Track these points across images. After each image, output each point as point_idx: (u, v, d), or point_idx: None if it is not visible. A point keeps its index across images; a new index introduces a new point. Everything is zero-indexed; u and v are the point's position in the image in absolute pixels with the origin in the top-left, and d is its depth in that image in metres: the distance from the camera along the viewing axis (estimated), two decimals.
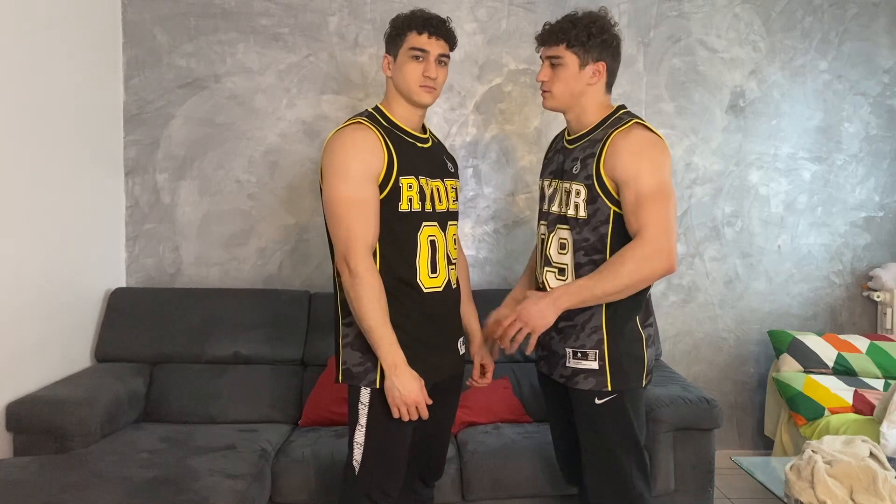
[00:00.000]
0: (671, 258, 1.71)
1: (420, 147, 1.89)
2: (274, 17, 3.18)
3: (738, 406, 3.39)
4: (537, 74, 1.89)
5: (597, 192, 1.78)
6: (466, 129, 3.26)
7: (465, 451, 2.47)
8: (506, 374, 2.88)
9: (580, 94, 1.84)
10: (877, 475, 1.85)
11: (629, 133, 1.77)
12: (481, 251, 3.29)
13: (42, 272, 2.59)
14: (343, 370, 1.84)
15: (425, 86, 1.83)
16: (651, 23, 3.30)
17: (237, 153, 3.20)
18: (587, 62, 1.82)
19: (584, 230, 1.81)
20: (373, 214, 1.76)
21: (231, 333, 2.91)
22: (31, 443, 2.35)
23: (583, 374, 1.82)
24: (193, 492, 2.02)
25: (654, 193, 1.72)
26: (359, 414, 1.81)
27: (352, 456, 1.83)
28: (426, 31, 1.82)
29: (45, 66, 2.58)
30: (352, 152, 1.76)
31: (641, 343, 1.84)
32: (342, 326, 1.84)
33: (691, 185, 3.35)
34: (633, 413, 1.84)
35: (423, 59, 1.82)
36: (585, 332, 1.82)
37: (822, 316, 3.42)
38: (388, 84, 1.89)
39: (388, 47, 1.87)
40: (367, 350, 1.78)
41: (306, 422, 2.74)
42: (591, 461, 1.89)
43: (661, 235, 1.70)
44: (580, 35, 1.79)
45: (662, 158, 1.77)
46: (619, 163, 1.75)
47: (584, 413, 1.85)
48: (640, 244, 1.70)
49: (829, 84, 3.37)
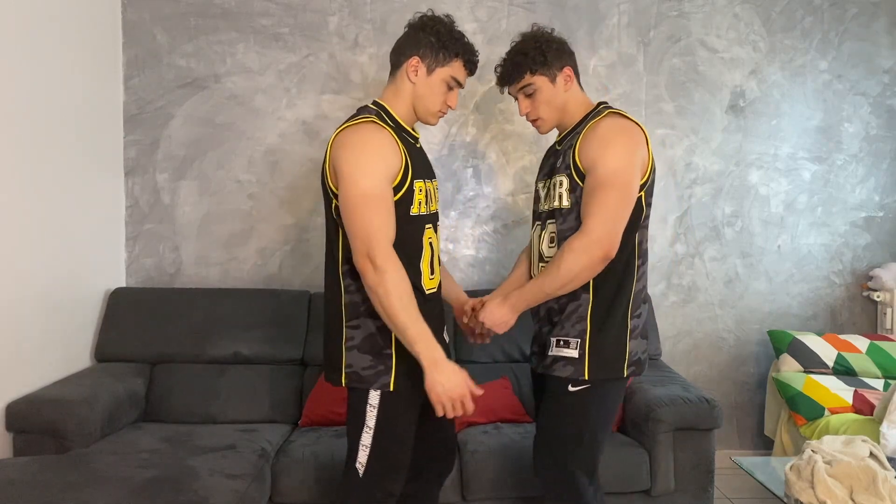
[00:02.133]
0: (609, 244, 1.73)
1: (417, 147, 1.88)
2: (274, 17, 3.19)
3: (738, 406, 3.40)
4: (519, 111, 1.96)
5: (576, 181, 1.81)
6: (466, 129, 3.26)
7: (465, 451, 2.47)
8: (506, 374, 2.89)
9: (563, 104, 1.90)
10: (877, 475, 1.85)
11: (601, 121, 1.82)
12: (481, 251, 3.29)
13: (42, 272, 2.59)
14: (348, 373, 1.78)
15: (443, 112, 1.87)
16: (651, 23, 3.30)
17: (237, 153, 3.20)
18: (555, 75, 1.88)
19: (568, 219, 1.83)
20: (392, 212, 1.72)
21: (231, 333, 2.91)
22: (31, 443, 2.35)
23: (562, 361, 1.84)
24: (193, 492, 2.02)
25: (604, 181, 1.74)
26: (366, 416, 1.77)
27: (355, 458, 1.80)
28: (471, 68, 1.86)
29: (45, 66, 2.58)
30: (374, 151, 1.70)
31: (625, 334, 1.85)
32: (346, 329, 1.78)
33: (691, 185, 3.35)
34: (601, 404, 1.86)
35: (453, 89, 1.86)
36: (570, 322, 1.85)
37: (822, 316, 3.42)
38: (402, 85, 1.82)
39: (425, 53, 1.79)
40: (378, 353, 1.76)
41: (306, 422, 2.74)
42: (540, 440, 1.93)
43: (598, 225, 1.72)
44: (536, 58, 1.85)
45: (629, 144, 1.77)
46: (586, 149, 1.79)
47: (554, 398, 1.88)
48: (578, 235, 1.75)
49: (829, 84, 3.37)
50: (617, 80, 3.29)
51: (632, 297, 1.86)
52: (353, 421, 1.82)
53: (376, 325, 1.76)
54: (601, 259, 1.74)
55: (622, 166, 1.75)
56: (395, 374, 1.76)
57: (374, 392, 1.76)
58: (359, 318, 1.77)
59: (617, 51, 3.29)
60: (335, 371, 1.81)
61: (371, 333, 1.76)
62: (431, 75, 1.81)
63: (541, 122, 1.93)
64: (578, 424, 1.86)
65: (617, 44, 3.29)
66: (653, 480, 2.46)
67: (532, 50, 1.85)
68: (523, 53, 1.86)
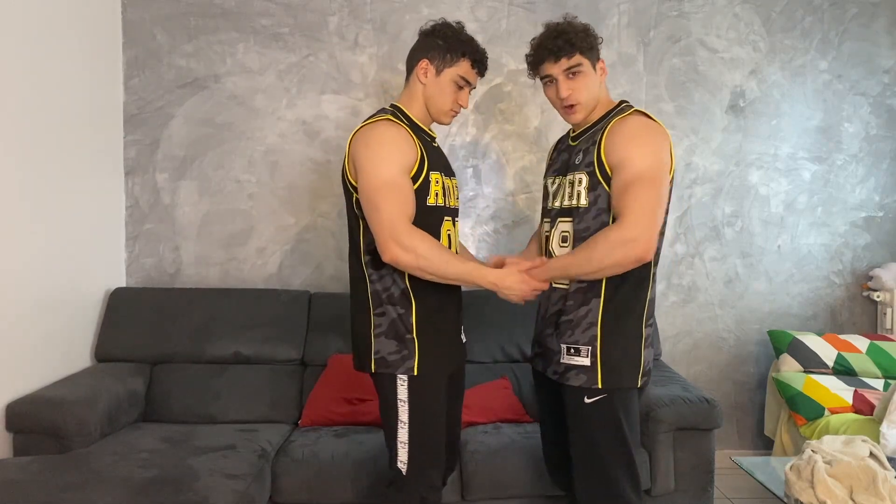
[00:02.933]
0: (646, 246, 1.66)
1: (434, 146, 1.96)
2: (274, 17, 3.19)
3: (738, 406, 3.40)
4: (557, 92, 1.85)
5: (597, 179, 1.77)
6: (466, 129, 3.26)
7: (465, 451, 2.46)
8: (506, 374, 2.89)
9: (597, 96, 1.88)
10: (877, 475, 1.85)
11: (627, 119, 1.79)
12: (481, 251, 3.29)
13: (42, 272, 2.59)
14: (377, 359, 1.84)
15: (454, 111, 1.93)
16: (651, 23, 3.30)
17: (237, 153, 3.20)
18: (595, 63, 1.87)
19: (585, 219, 1.80)
20: (412, 198, 1.78)
21: (231, 333, 2.91)
22: (31, 443, 2.35)
23: (574, 370, 1.80)
24: (193, 492, 2.02)
25: (639, 178, 1.68)
26: (398, 410, 1.82)
27: (396, 458, 1.84)
28: (479, 68, 1.91)
29: (44, 66, 2.58)
30: (390, 143, 1.78)
31: (640, 342, 1.81)
32: (374, 317, 1.85)
33: (691, 185, 3.35)
34: (623, 414, 1.80)
35: (463, 88, 1.91)
36: (581, 328, 1.80)
37: (822, 316, 3.42)
38: (415, 87, 1.91)
39: (433, 56, 1.88)
40: (403, 338, 1.82)
41: (306, 422, 2.74)
42: (579, 462, 1.87)
43: (639, 222, 1.65)
44: (586, 39, 1.83)
45: (657, 143, 1.74)
46: (613, 146, 1.75)
47: (573, 412, 1.84)
48: (616, 228, 1.68)
49: (829, 84, 3.37)
50: (617, 80, 3.29)
51: (647, 305, 1.82)
52: (387, 418, 1.86)
53: (397, 312, 1.84)
54: (635, 259, 1.67)
55: (656, 163, 1.71)
56: (418, 358, 1.82)
57: (401, 379, 1.81)
58: (382, 305, 1.84)
59: (617, 51, 3.29)
60: (365, 357, 1.87)
61: (394, 320, 1.83)
62: (440, 76, 1.88)
63: (578, 108, 1.85)
64: (613, 441, 1.80)
65: (617, 44, 3.29)
66: (653, 480, 2.46)
67: (581, 32, 1.83)
68: (573, 32, 1.82)
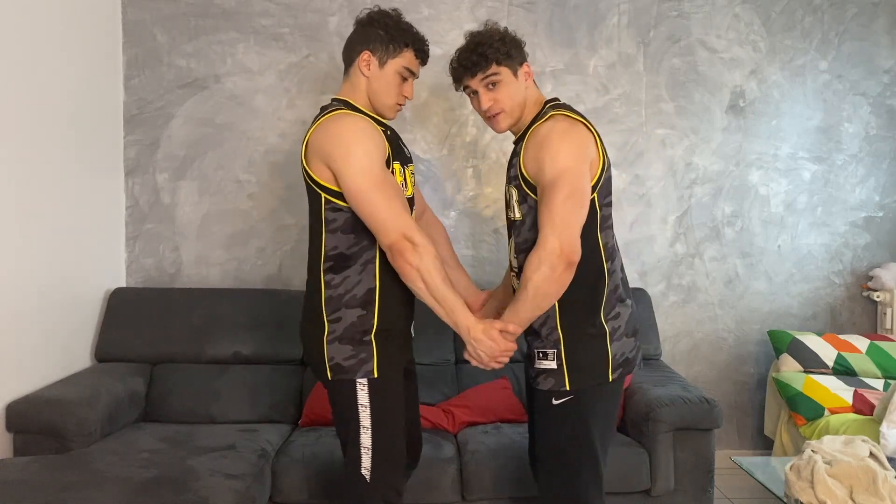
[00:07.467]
0: (568, 248, 1.64)
1: (389, 133, 1.89)
2: (274, 17, 3.19)
3: (738, 406, 3.40)
4: (478, 105, 1.85)
5: (524, 191, 1.76)
6: (466, 129, 3.26)
7: (465, 451, 2.47)
8: (506, 374, 2.89)
9: (523, 100, 1.85)
10: (877, 475, 1.85)
11: (542, 125, 1.76)
12: (481, 251, 3.29)
13: (42, 272, 2.59)
14: (332, 366, 1.77)
15: (400, 104, 1.87)
16: (651, 23, 3.30)
17: (237, 153, 3.20)
18: (516, 69, 1.84)
19: (522, 231, 1.80)
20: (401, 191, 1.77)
21: (231, 333, 2.91)
22: (31, 443, 2.35)
23: (544, 374, 1.80)
24: (193, 492, 2.02)
25: (551, 184, 1.67)
26: (360, 415, 1.77)
27: (359, 464, 1.78)
28: (422, 57, 1.87)
29: (45, 66, 2.58)
30: (367, 138, 1.73)
31: (604, 338, 1.78)
32: (328, 323, 1.78)
33: (691, 185, 3.35)
34: (590, 414, 1.79)
35: (408, 80, 1.86)
36: (545, 332, 1.80)
37: (822, 316, 3.42)
38: (357, 80, 1.85)
39: (375, 47, 1.82)
40: (358, 342, 1.76)
41: (306, 422, 2.74)
42: (543, 461, 1.88)
43: (553, 230, 1.64)
44: (501, 48, 1.81)
45: (568, 142, 1.70)
46: (528, 159, 1.74)
47: (542, 414, 1.84)
48: (536, 249, 1.66)
49: (829, 84, 3.37)
50: (617, 80, 3.29)
51: (604, 301, 1.80)
52: (346, 425, 1.80)
53: (356, 315, 1.77)
54: (564, 268, 1.65)
55: (568, 167, 1.67)
56: (377, 359, 1.76)
57: (360, 384, 1.76)
58: (339, 310, 1.78)
59: (617, 51, 3.29)
60: (320, 366, 1.81)
61: (351, 323, 1.77)
62: (384, 67, 1.83)
63: (502, 116, 1.83)
64: (576, 441, 1.79)
65: (617, 44, 3.29)
66: (653, 480, 2.46)
67: (496, 42, 1.82)
68: (487, 45, 1.81)
